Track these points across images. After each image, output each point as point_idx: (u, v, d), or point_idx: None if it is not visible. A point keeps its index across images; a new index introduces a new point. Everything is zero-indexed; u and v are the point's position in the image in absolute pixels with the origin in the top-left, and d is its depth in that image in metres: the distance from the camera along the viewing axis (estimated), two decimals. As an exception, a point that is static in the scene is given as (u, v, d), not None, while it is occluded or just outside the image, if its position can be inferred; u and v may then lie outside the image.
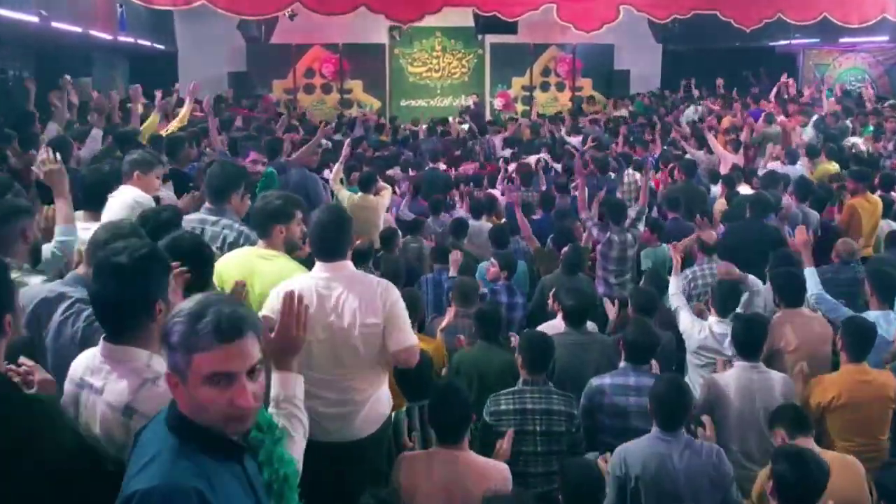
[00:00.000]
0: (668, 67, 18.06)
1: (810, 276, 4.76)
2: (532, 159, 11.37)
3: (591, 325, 4.60)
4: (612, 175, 8.70)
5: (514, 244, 6.39)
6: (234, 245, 3.50)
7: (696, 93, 15.59)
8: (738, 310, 4.50)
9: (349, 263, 3.09)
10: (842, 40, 14.57)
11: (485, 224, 7.19)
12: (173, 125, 7.42)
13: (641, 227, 6.17)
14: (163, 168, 4.40)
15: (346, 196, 7.07)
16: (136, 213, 3.45)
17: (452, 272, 5.51)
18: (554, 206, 7.27)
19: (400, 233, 7.30)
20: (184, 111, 7.75)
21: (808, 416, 3.54)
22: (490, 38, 16.99)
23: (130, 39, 13.13)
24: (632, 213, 6.06)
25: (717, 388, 3.85)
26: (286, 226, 3.36)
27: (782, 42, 15.70)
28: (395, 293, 3.08)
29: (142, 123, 7.44)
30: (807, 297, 4.65)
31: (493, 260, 5.46)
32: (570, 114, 15.72)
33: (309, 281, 3.03)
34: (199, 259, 2.62)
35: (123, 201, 3.88)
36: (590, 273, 6.11)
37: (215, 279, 2.99)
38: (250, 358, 1.66)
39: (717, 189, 8.71)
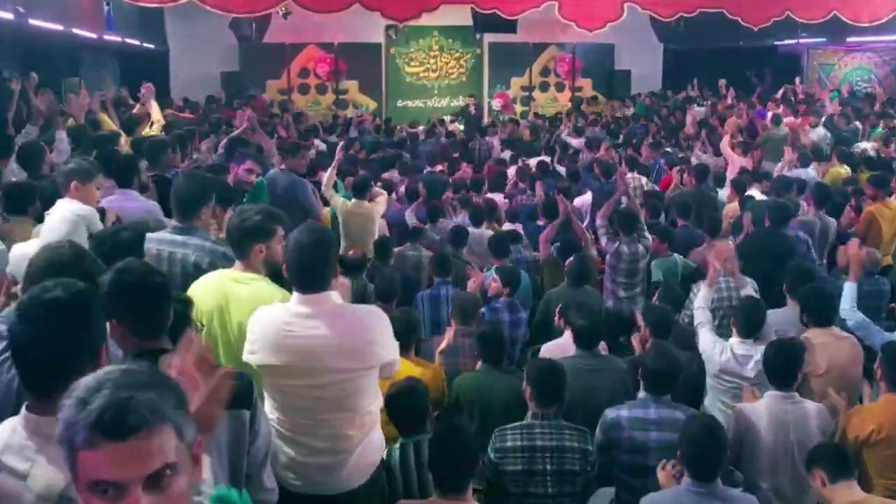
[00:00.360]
0: (670, 67, 17.79)
1: (850, 291, 4.41)
2: (533, 162, 11.03)
3: (603, 346, 4.23)
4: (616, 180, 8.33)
5: (515, 253, 6.01)
6: (204, 269, 3.09)
7: (694, 93, 15.20)
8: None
9: (332, 295, 2.68)
10: (849, 39, 14.21)
11: (485, 232, 6.82)
12: (151, 129, 7.06)
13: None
14: (102, 178, 3.95)
15: (339, 203, 6.70)
16: (79, 229, 3.06)
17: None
18: (558, 212, 6.89)
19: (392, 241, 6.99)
20: (154, 114, 7.39)
21: (850, 457, 3.18)
22: (488, 38, 16.66)
23: (119, 38, 12.80)
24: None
25: (746, 421, 3.49)
26: (266, 244, 2.97)
27: (787, 41, 15.32)
28: (380, 326, 2.71)
29: (128, 127, 7.09)
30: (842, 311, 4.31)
31: (494, 275, 5.08)
32: (570, 114, 15.43)
33: (284, 315, 2.65)
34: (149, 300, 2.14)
35: (63, 216, 3.49)
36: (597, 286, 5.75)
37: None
38: (151, 461, 1.21)
39: (724, 193, 8.38)
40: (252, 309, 2.71)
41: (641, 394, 3.50)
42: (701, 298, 4.26)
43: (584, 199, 8.34)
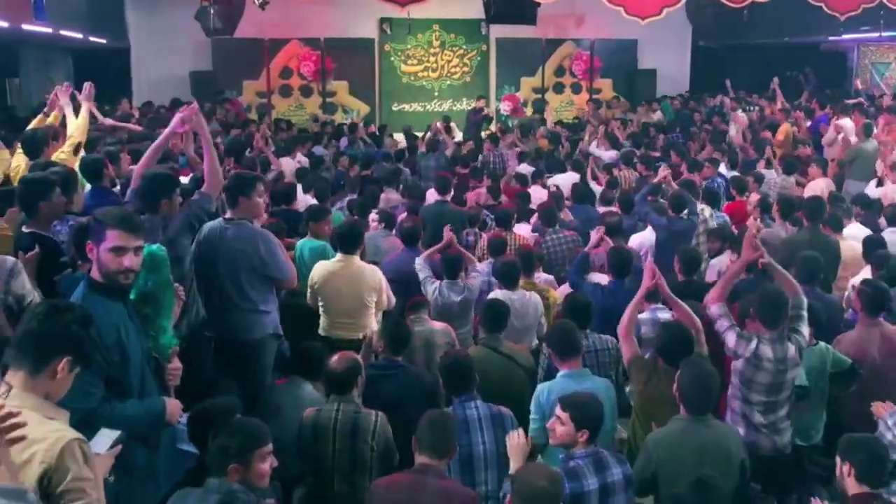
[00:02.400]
0: (699, 67, 16.08)
1: None
2: (562, 180, 9.06)
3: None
4: (683, 215, 6.31)
5: (588, 347, 4.01)
6: None
7: (725, 99, 13.16)
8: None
9: None
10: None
11: (528, 298, 4.84)
12: (63, 150, 5.03)
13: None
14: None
15: (320, 267, 4.72)
16: None
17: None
18: (629, 268, 4.86)
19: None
20: (79, 122, 5.34)
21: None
22: (495, 32, 14.94)
23: (69, 33, 10.82)
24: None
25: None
26: None
27: (831, 37, 13.51)
28: None
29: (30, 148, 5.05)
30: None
31: (559, 412, 3.08)
32: (593, 116, 13.50)
33: None
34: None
35: None
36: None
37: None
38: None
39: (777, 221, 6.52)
40: None
41: None
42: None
43: (644, 240, 6.37)
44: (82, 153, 5.23)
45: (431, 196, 8.20)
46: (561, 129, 12.38)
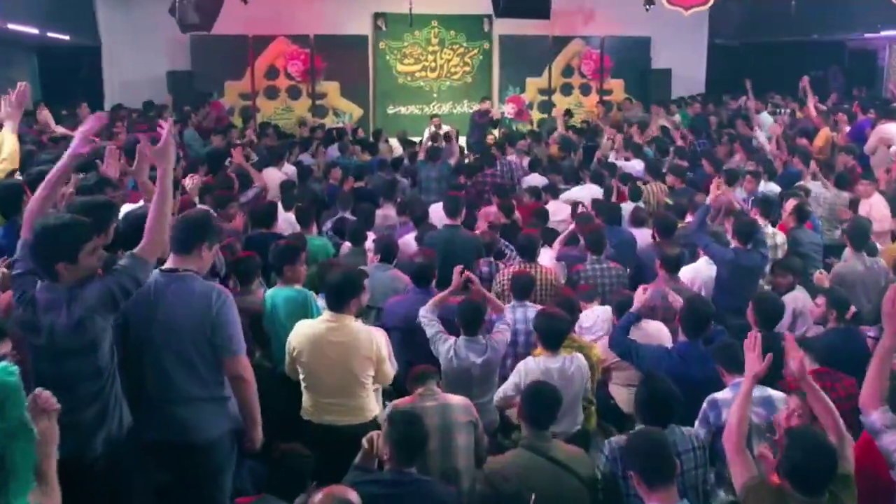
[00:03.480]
0: (715, 66, 15.05)
1: None
2: (580, 194, 7.98)
3: None
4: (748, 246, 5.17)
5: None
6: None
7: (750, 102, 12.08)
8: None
9: None
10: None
11: (570, 364, 3.74)
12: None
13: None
14: None
15: (303, 328, 3.59)
16: None
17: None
18: (706, 324, 3.75)
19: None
20: (9, 145, 4.20)
21: None
22: (499, 29, 13.85)
23: (33, 30, 9.72)
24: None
25: None
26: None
27: (867, 34, 12.58)
28: None
29: None
30: None
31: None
32: (603, 119, 12.44)
33: None
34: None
35: None
36: None
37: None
38: None
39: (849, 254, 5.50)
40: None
41: None
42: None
43: (697, 274, 5.25)
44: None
45: (435, 214, 7.18)
46: (574, 135, 11.24)
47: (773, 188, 7.87)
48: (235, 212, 5.91)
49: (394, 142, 11.87)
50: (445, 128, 11.30)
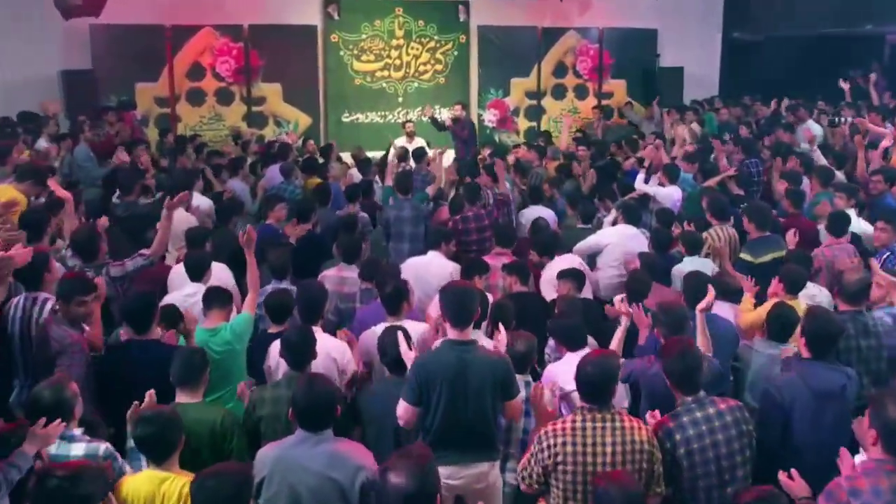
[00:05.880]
0: (730, 63, 13.81)
1: None
2: (611, 240, 5.66)
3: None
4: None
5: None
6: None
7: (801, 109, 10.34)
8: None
9: None
10: None
11: None
12: None
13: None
14: None
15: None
16: None
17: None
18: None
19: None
20: None
21: None
22: (477, 19, 12.39)
23: None
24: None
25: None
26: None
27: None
28: None
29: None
30: None
31: None
32: (600, 128, 10.61)
33: None
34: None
35: None
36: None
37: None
38: None
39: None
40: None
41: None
42: None
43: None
44: None
45: (410, 271, 5.10)
46: (579, 149, 8.99)
47: (865, 228, 5.85)
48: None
49: (348, 158, 9.70)
50: (420, 141, 9.06)
